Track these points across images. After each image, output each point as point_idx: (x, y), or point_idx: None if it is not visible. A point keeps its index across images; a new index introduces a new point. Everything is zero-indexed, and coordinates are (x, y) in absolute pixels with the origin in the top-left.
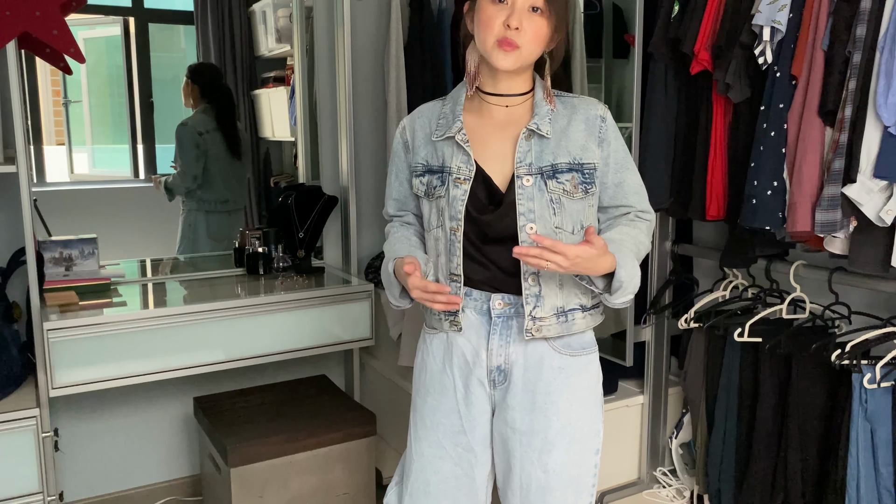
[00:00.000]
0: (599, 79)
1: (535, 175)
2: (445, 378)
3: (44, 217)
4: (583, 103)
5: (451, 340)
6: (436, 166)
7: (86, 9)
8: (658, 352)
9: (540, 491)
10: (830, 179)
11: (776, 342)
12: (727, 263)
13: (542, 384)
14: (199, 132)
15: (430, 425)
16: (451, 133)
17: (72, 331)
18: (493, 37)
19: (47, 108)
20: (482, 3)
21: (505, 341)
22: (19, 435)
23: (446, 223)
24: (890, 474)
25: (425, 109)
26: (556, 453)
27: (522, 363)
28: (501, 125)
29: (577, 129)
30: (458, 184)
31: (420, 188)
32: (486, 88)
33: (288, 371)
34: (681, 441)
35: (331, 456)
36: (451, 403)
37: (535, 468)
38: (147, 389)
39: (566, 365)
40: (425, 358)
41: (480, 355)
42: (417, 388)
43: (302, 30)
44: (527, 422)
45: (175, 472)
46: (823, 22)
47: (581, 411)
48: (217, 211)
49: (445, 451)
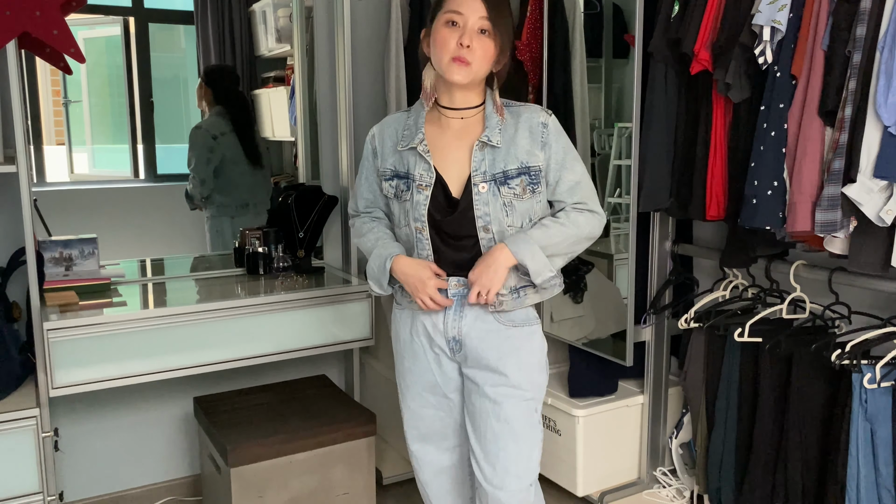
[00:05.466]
0: (599, 79)
1: (490, 182)
2: (415, 345)
3: (44, 217)
4: (527, 111)
5: (414, 315)
6: (402, 172)
7: (86, 9)
8: (658, 352)
9: (495, 438)
10: (830, 179)
11: (776, 342)
12: (727, 263)
13: (493, 351)
14: (213, 136)
15: (411, 383)
16: (414, 144)
17: (72, 331)
18: (448, 54)
19: (47, 108)
20: (437, 27)
21: (459, 316)
22: (19, 435)
23: (411, 223)
24: (890, 474)
25: (392, 120)
26: (507, 405)
27: (475, 335)
28: (458, 135)
29: (523, 136)
30: (421, 189)
31: (390, 191)
32: (443, 102)
33: (288, 371)
34: (681, 441)
35: (331, 456)
36: (423, 363)
37: (489, 417)
38: (147, 389)
39: (511, 335)
40: (397, 329)
41: (438, 327)
42: (396, 355)
43: (302, 30)
44: (480, 376)
45: (175, 472)
46: (823, 22)
47: (527, 372)
48: (240, 215)
49: (426, 401)
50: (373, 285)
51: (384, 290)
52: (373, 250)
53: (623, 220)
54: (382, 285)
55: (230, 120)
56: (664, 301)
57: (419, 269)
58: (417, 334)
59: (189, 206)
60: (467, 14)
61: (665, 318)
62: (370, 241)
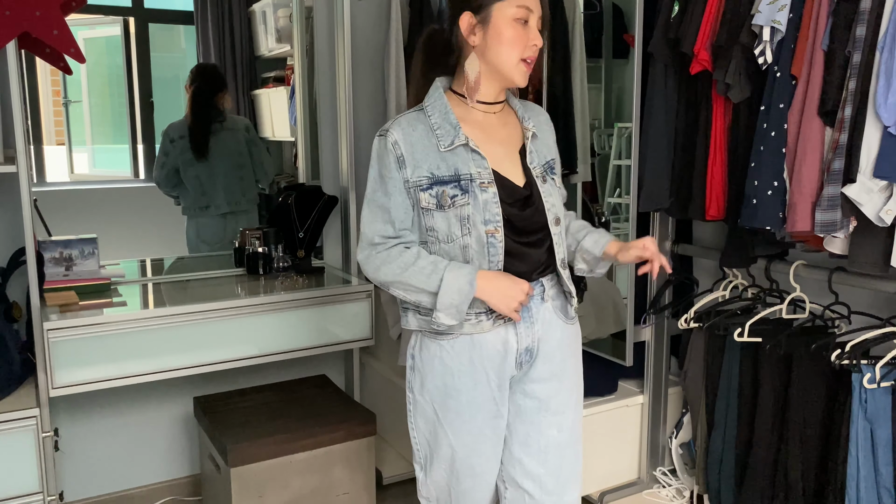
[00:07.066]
0: (599, 79)
1: (544, 173)
2: (477, 373)
3: (44, 217)
4: (530, 105)
5: (475, 340)
6: (447, 176)
7: (86, 9)
8: (658, 352)
9: (557, 450)
10: (830, 179)
11: (776, 342)
12: (727, 263)
13: (559, 354)
14: (170, 139)
15: (469, 418)
16: (461, 141)
17: (72, 331)
18: (518, 54)
19: (47, 108)
20: (504, 22)
21: (530, 322)
22: (19, 435)
23: (478, 227)
24: (890, 474)
25: (412, 122)
26: (569, 413)
27: (547, 339)
28: (493, 129)
29: (544, 129)
30: (484, 188)
31: (430, 200)
32: (481, 98)
33: (288, 371)
34: (681, 441)
35: (331, 456)
36: (486, 394)
37: (551, 429)
38: (147, 389)
39: (568, 333)
40: (447, 362)
41: (510, 343)
42: (444, 391)
43: (302, 30)
44: (545, 390)
45: (175, 472)
46: (823, 22)
47: (579, 373)
48: (202, 216)
49: (485, 436)
50: (447, 317)
51: (463, 315)
52: (442, 274)
53: (623, 220)
54: (463, 311)
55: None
56: (664, 301)
57: (505, 276)
58: (481, 360)
59: (175, 201)
60: (535, 10)
61: (665, 318)
62: (424, 267)
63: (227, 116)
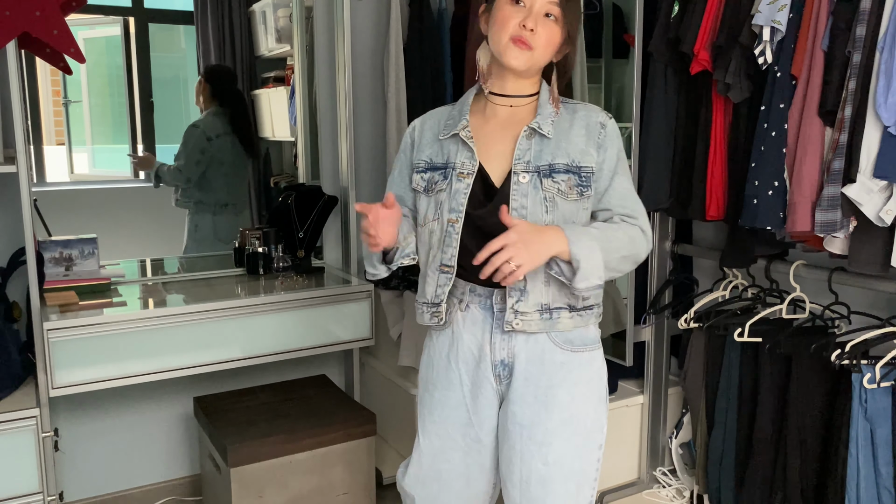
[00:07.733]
0: (599, 79)
1: (532, 173)
2: (451, 373)
3: (44, 217)
4: (585, 109)
5: (456, 336)
6: (439, 163)
7: (86, 9)
8: (658, 352)
9: (540, 483)
10: (830, 179)
11: (776, 342)
12: (727, 263)
13: (545, 378)
14: (208, 137)
15: (439, 419)
16: (456, 131)
17: (72, 331)
18: (507, 34)
19: (47, 108)
20: (500, 3)
21: (509, 335)
22: (19, 435)
23: (444, 216)
24: (890, 474)
25: (436, 112)
26: (557, 445)
27: (525, 357)
28: (504, 124)
29: (578, 133)
30: (461, 178)
31: (420, 184)
32: (493, 89)
33: (288, 371)
34: (681, 441)
35: (331, 456)
36: (457, 397)
37: (535, 460)
38: (147, 389)
39: (567, 360)
40: (431, 354)
41: (484, 349)
42: (425, 384)
43: (302, 30)
44: (528, 414)
45: (175, 472)
46: (823, 22)
47: (583, 405)
48: (222, 213)
49: (455, 443)
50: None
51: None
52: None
53: None
54: (374, 263)
55: (227, 121)
56: (664, 301)
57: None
58: (456, 360)
59: (153, 183)
60: None
61: (665, 318)
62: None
63: None
